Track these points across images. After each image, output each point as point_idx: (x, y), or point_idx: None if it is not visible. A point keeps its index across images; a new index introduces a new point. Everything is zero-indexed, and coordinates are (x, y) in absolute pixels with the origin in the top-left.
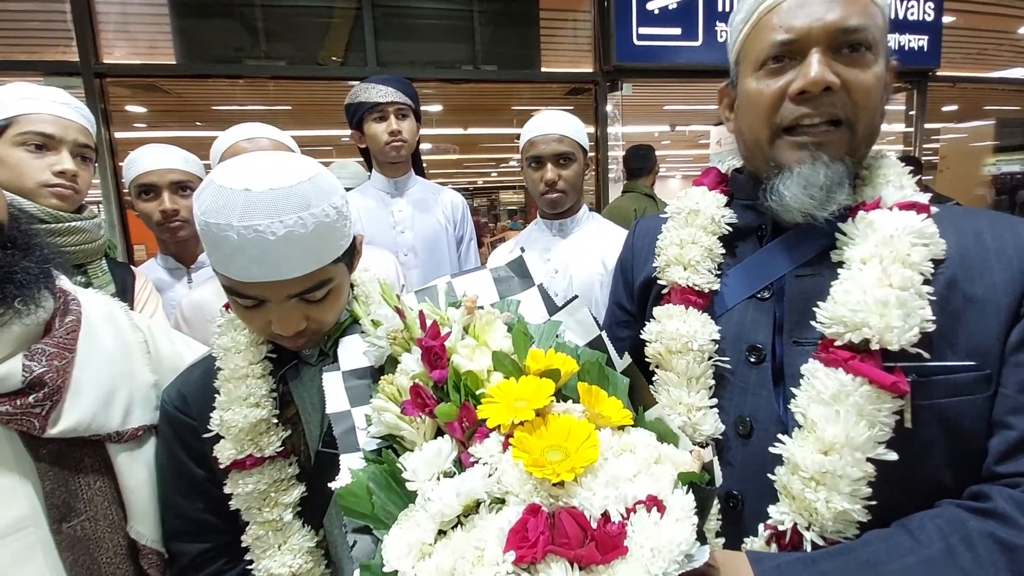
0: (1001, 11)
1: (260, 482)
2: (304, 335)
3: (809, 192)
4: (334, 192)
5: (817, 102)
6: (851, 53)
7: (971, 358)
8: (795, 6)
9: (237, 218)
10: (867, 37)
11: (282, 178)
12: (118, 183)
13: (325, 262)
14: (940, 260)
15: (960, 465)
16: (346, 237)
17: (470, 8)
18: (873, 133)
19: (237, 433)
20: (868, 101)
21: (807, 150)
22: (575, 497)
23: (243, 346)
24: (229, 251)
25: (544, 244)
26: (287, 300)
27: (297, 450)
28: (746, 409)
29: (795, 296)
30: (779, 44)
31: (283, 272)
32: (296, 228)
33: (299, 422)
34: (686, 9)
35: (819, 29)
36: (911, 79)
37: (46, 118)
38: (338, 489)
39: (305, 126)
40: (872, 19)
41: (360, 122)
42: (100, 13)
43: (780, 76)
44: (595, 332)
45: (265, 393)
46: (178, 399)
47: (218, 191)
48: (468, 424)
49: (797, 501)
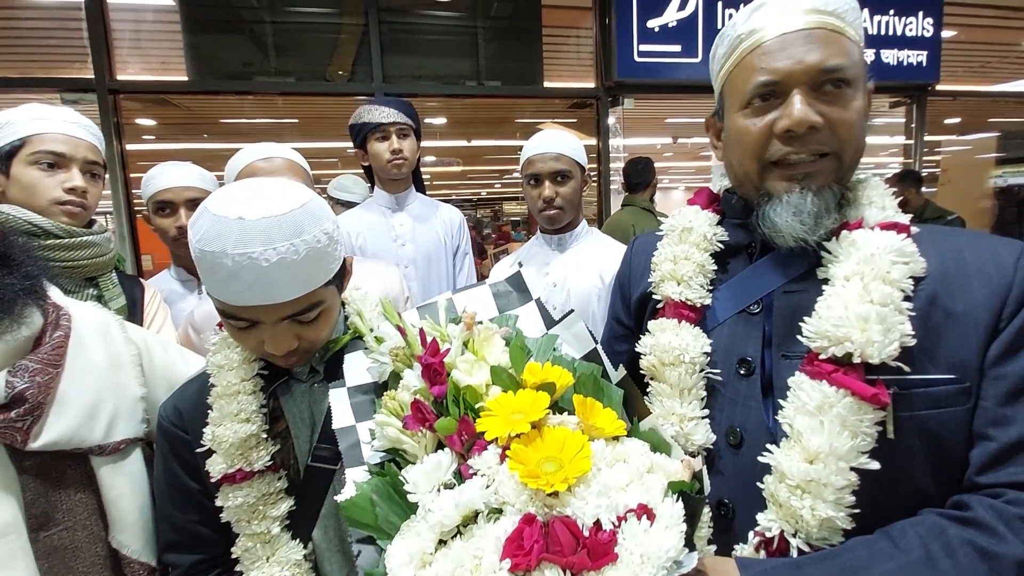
0: (1004, 24)
1: (249, 495)
2: (296, 354)
3: (800, 219)
4: (325, 218)
5: (803, 140)
6: (833, 90)
7: (951, 371)
8: (776, 48)
9: (232, 246)
10: (845, 75)
11: (275, 206)
12: (128, 195)
13: (316, 285)
14: (921, 277)
15: (942, 475)
16: (336, 260)
17: (474, 24)
18: (857, 158)
19: (228, 448)
20: (851, 134)
21: (796, 181)
22: (568, 506)
23: (235, 363)
24: (224, 277)
25: (543, 258)
26: (280, 322)
27: (287, 464)
28: (736, 420)
29: (783, 311)
30: (762, 85)
31: (276, 296)
32: (289, 254)
33: (289, 436)
34: (686, 27)
35: (800, 71)
36: (910, 93)
37: (57, 137)
38: (343, 501)
39: (312, 139)
40: (850, 57)
41: (364, 141)
42: (115, 31)
43: (766, 114)
44: (591, 345)
45: (255, 408)
46: (174, 414)
47: (213, 219)
48: (467, 437)
49: (784, 509)
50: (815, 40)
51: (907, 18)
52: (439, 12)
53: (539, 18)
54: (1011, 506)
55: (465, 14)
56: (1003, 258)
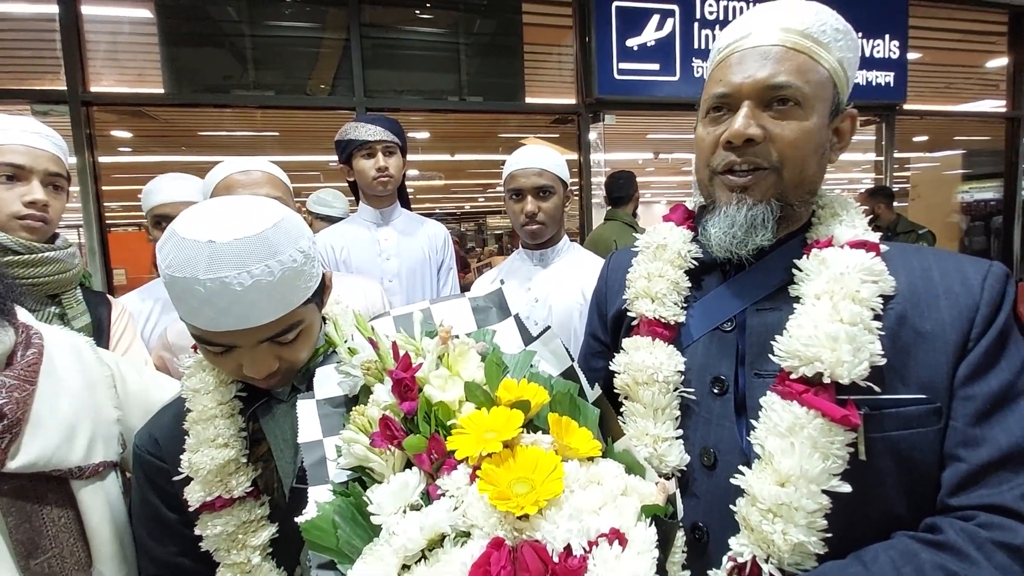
0: (966, 47)
1: (229, 524)
2: (276, 375)
3: (732, 232)
4: (300, 236)
5: (742, 151)
6: (780, 107)
7: (922, 391)
8: (735, 63)
9: (203, 271)
10: (794, 94)
11: (246, 226)
12: (100, 208)
13: (294, 306)
14: (890, 296)
15: (914, 496)
16: (314, 278)
17: (456, 41)
18: (805, 179)
19: (205, 475)
20: (792, 152)
21: (735, 192)
22: (539, 530)
23: (211, 387)
24: (196, 304)
25: (525, 273)
26: (258, 345)
27: (270, 488)
28: (710, 440)
29: (756, 329)
30: (717, 96)
31: (252, 320)
32: (263, 277)
33: (271, 459)
34: (664, 46)
35: (749, 85)
36: (879, 112)
37: (16, 148)
38: (303, 523)
39: (293, 152)
40: (803, 76)
41: (349, 157)
42: (89, 43)
43: (719, 125)
44: (568, 362)
45: (234, 433)
46: (150, 443)
47: (181, 243)
48: (437, 456)
49: (755, 533)
50: (771, 57)
51: (875, 40)
52: (421, 28)
53: (520, 35)
54: (983, 529)
55: (447, 30)
56: (970, 278)
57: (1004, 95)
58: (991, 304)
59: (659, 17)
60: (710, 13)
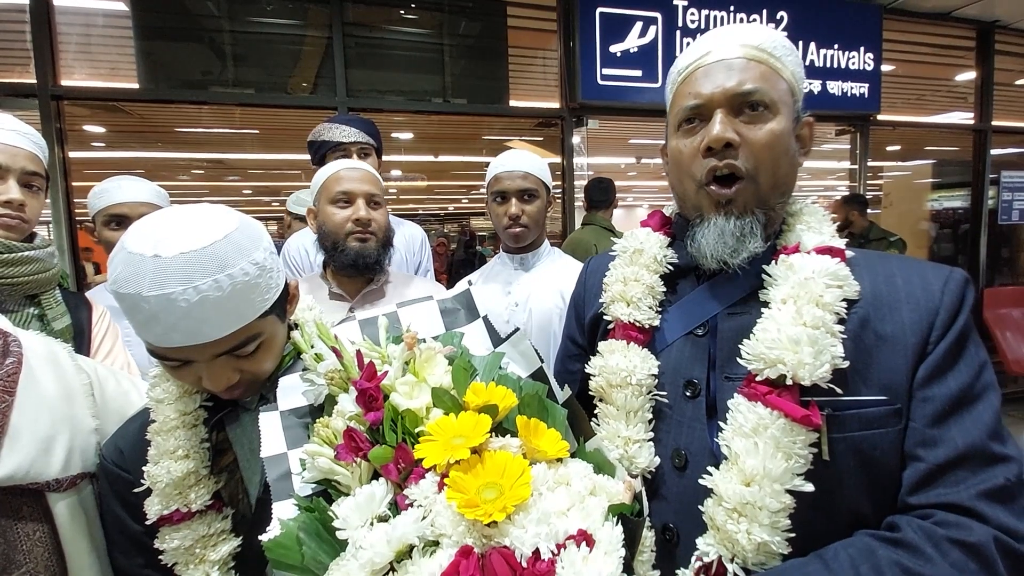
0: (937, 61)
1: (186, 538)
2: (239, 387)
3: (723, 240)
4: (255, 246)
5: (721, 155)
6: (750, 112)
7: (883, 393)
8: (702, 76)
9: (147, 287)
10: (762, 98)
11: (194, 239)
12: (70, 205)
13: (249, 319)
14: (854, 300)
15: (877, 496)
16: (272, 289)
17: (440, 42)
18: (779, 183)
19: (163, 488)
20: (766, 154)
21: (720, 205)
22: (507, 536)
23: (175, 397)
24: (143, 320)
25: (506, 277)
26: (214, 359)
27: (235, 499)
28: (682, 442)
29: (726, 333)
30: (689, 108)
31: (204, 335)
32: (211, 292)
33: (237, 469)
34: (647, 53)
35: (720, 94)
36: (854, 123)
37: None
38: (266, 542)
39: (273, 150)
40: (768, 82)
41: (323, 159)
42: (61, 35)
43: (694, 135)
44: (537, 364)
45: (196, 444)
46: (115, 453)
47: (127, 258)
48: (404, 465)
49: (721, 533)
50: (735, 67)
51: (850, 52)
52: (405, 28)
53: (505, 38)
54: (939, 527)
55: (432, 31)
56: (931, 283)
57: (972, 108)
58: (950, 308)
59: (642, 24)
60: (692, 22)
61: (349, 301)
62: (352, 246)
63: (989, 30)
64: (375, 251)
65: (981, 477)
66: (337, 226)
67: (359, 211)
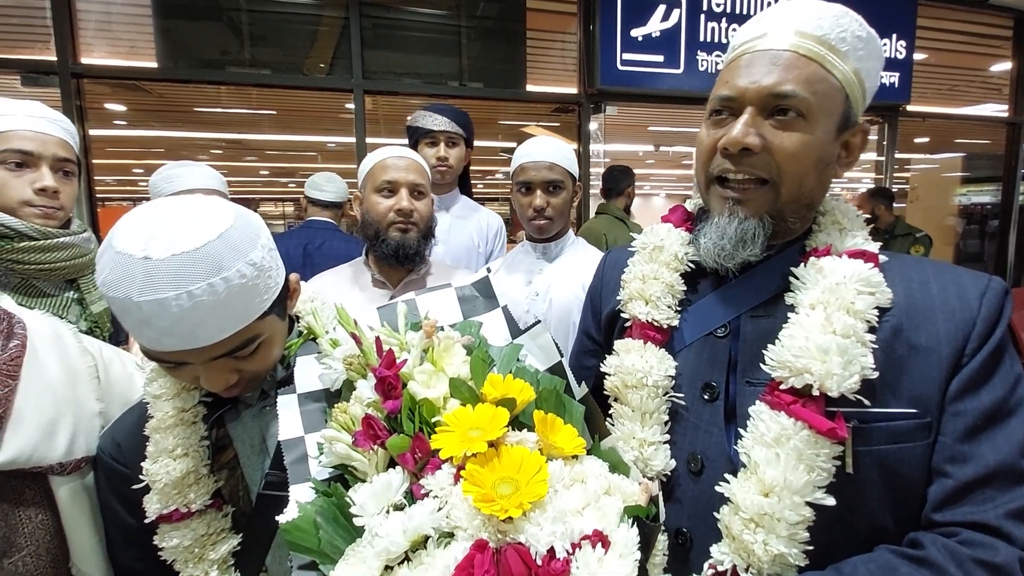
0: (972, 50)
1: (186, 537)
2: (238, 386)
3: (722, 244)
4: (252, 245)
5: (738, 159)
6: (781, 117)
7: (913, 405)
8: (743, 65)
9: (137, 292)
10: (797, 104)
11: (186, 240)
12: (91, 182)
13: (247, 322)
14: (887, 308)
15: (900, 511)
16: (271, 289)
17: (458, 24)
18: (803, 194)
19: (162, 487)
20: (791, 165)
21: (728, 203)
22: (522, 532)
23: (173, 393)
24: (135, 323)
25: (528, 267)
26: (211, 361)
27: (235, 496)
28: (698, 446)
29: (749, 336)
30: (720, 99)
31: (198, 340)
32: (206, 296)
33: (237, 466)
34: (669, 38)
35: (753, 91)
36: (882, 113)
37: (24, 134)
38: (283, 524)
39: (291, 131)
40: (811, 86)
41: (416, 145)
42: (80, 11)
43: (719, 128)
44: (556, 358)
45: (195, 442)
46: (112, 447)
47: (116, 259)
48: (421, 455)
49: (736, 542)
50: (779, 63)
51: (881, 39)
52: (422, 9)
53: (524, 21)
54: (964, 547)
55: (449, 12)
56: (968, 293)
57: (1007, 100)
58: (988, 320)
59: (665, 7)
60: (717, 5)
61: (391, 290)
62: (393, 236)
63: None
64: (416, 242)
65: (1010, 496)
66: (380, 215)
67: (402, 201)
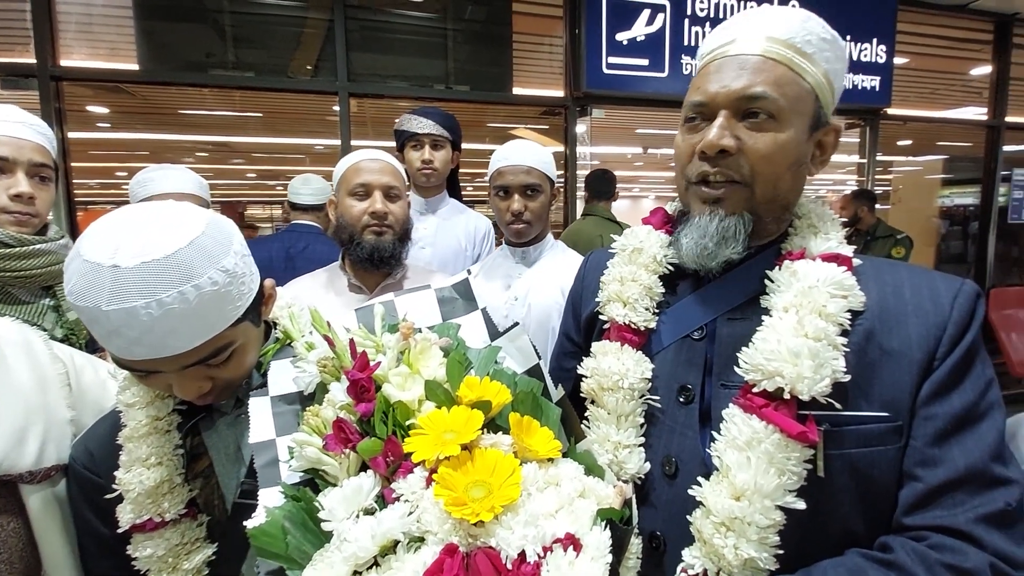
0: (951, 54)
1: (159, 547)
2: (212, 393)
3: (703, 243)
4: (224, 251)
5: (715, 162)
6: (753, 119)
7: (884, 409)
8: (714, 71)
9: (106, 301)
10: (768, 106)
11: (156, 247)
12: (69, 186)
13: (219, 330)
14: (859, 312)
15: (871, 515)
16: (245, 296)
17: (444, 27)
18: (779, 194)
19: (136, 496)
20: (764, 166)
21: (707, 204)
22: (493, 536)
23: (146, 401)
24: (104, 333)
25: (507, 270)
26: (183, 369)
27: (210, 505)
28: (673, 449)
29: (725, 339)
30: (693, 105)
31: (170, 348)
32: (176, 304)
33: (212, 475)
34: (654, 42)
35: (724, 95)
36: (864, 116)
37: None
38: (251, 529)
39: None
40: (781, 89)
41: (402, 148)
42: (61, 13)
43: (695, 134)
44: (534, 360)
45: (169, 451)
46: (85, 456)
47: (83, 267)
48: (393, 458)
49: (708, 546)
50: (748, 67)
51: (862, 44)
52: (409, 12)
53: (510, 24)
54: (934, 551)
55: (435, 15)
56: (940, 296)
57: (986, 103)
58: (959, 324)
59: (650, 12)
60: (701, 10)
61: (367, 294)
62: (368, 239)
63: (1008, 23)
64: (391, 244)
65: (980, 500)
66: (354, 219)
67: (376, 204)
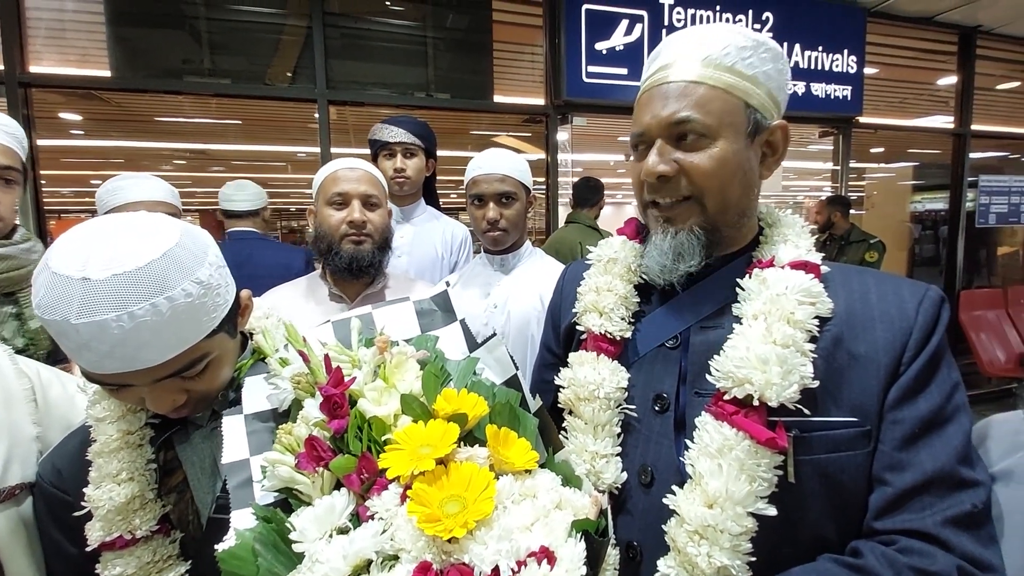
0: (919, 65)
1: (130, 565)
2: (186, 406)
3: (661, 261)
4: (198, 263)
5: (658, 186)
6: (685, 141)
7: (853, 414)
8: (645, 102)
9: (75, 314)
10: (695, 127)
11: (127, 258)
12: (38, 194)
13: (194, 342)
14: (827, 318)
15: (842, 520)
16: (220, 307)
17: (424, 35)
18: (730, 204)
19: (105, 513)
20: (707, 180)
21: (660, 223)
22: (467, 553)
23: (117, 415)
24: (74, 347)
25: (485, 279)
26: (156, 383)
27: (184, 521)
28: (649, 458)
29: (698, 347)
30: (634, 136)
31: (142, 361)
32: (148, 316)
33: (187, 489)
34: (632, 51)
35: (655, 124)
36: (836, 125)
37: None
38: (219, 552)
39: (258, 141)
40: (705, 108)
41: (375, 158)
42: (30, 20)
43: (642, 161)
44: (511, 371)
45: (141, 465)
46: (52, 473)
47: (52, 280)
48: (367, 475)
49: (681, 555)
50: (672, 94)
51: (834, 55)
52: (389, 19)
53: (490, 32)
54: (902, 555)
55: (416, 23)
56: (906, 302)
57: (953, 112)
58: (924, 328)
59: (628, 22)
60: (678, 20)
61: (348, 303)
62: (347, 249)
63: (971, 35)
64: (370, 254)
65: (948, 503)
66: (332, 228)
67: (354, 213)
